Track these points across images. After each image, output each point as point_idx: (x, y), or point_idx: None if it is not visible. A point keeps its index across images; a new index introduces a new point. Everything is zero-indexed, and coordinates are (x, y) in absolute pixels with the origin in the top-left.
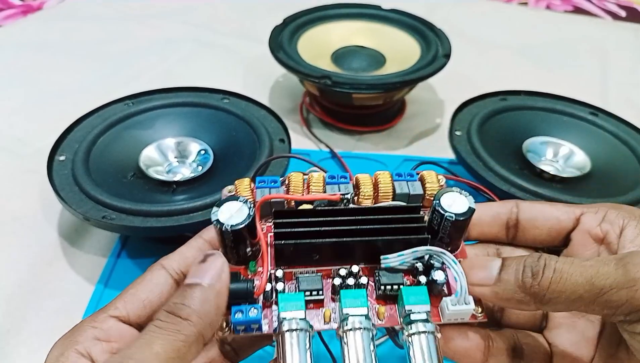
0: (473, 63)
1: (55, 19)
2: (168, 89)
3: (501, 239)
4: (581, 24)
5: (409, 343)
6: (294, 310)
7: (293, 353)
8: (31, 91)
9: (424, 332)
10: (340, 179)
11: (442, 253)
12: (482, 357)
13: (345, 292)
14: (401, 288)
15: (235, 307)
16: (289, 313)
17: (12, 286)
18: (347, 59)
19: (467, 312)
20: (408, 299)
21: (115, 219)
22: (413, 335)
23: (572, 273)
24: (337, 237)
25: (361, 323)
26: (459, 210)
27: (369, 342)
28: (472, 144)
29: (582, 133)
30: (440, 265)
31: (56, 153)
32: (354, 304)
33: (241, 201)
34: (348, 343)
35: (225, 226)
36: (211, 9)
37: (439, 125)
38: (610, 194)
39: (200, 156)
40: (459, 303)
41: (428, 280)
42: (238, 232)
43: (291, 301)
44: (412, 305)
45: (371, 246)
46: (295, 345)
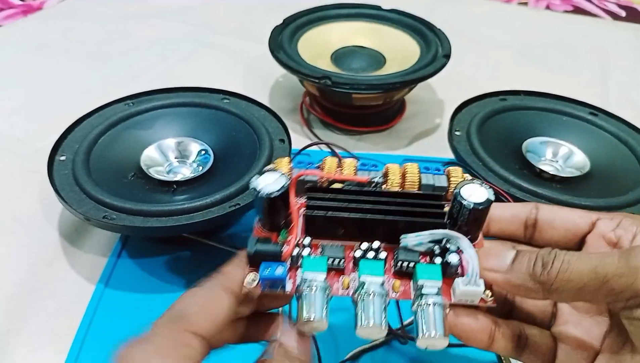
0: (473, 63)
1: (55, 19)
2: (168, 89)
3: (519, 237)
4: (581, 24)
5: (418, 313)
6: (316, 271)
7: (311, 307)
8: (31, 90)
9: (434, 303)
10: (370, 167)
11: (458, 237)
12: (487, 339)
13: (364, 261)
14: (416, 265)
15: (264, 264)
16: (312, 274)
17: (12, 286)
18: (347, 59)
19: (477, 294)
20: (422, 274)
21: (116, 219)
22: (423, 305)
23: (579, 263)
24: (362, 214)
25: (376, 289)
26: (478, 200)
27: (382, 307)
28: (472, 144)
29: (581, 133)
30: (456, 249)
31: (56, 153)
32: (371, 272)
33: (279, 173)
34: (366, 304)
35: (262, 194)
36: (211, 8)
37: (438, 125)
38: (610, 194)
39: (200, 156)
40: (469, 284)
41: (443, 261)
42: (273, 200)
43: (314, 264)
44: (424, 280)
45: (393, 226)
46: (314, 301)
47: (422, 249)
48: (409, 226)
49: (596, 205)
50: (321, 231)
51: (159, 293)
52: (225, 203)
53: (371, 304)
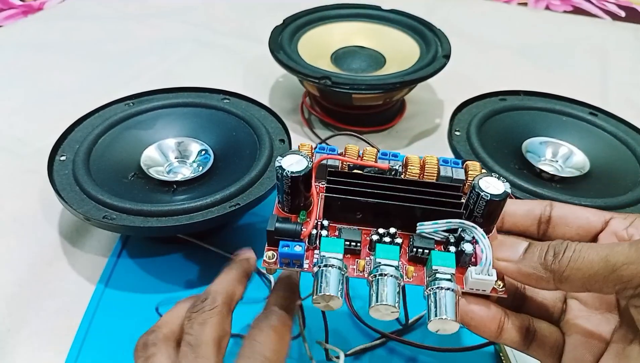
0: (473, 63)
1: (55, 19)
2: (168, 89)
3: (532, 233)
4: (581, 24)
5: (430, 297)
6: (334, 251)
7: (327, 285)
8: (31, 91)
9: (446, 288)
10: (391, 157)
11: (474, 227)
12: (496, 329)
13: (380, 245)
14: (431, 252)
15: (283, 241)
16: (329, 254)
17: (12, 286)
18: (347, 60)
19: (489, 283)
20: (436, 261)
21: (116, 220)
22: (435, 290)
23: (590, 252)
24: (380, 199)
25: (391, 271)
26: (495, 191)
27: (396, 288)
28: (472, 144)
29: (581, 133)
30: (471, 239)
31: (57, 153)
32: (387, 256)
33: (302, 155)
34: (379, 285)
35: (286, 172)
36: (211, 8)
37: (438, 125)
38: (610, 194)
39: (200, 156)
40: (482, 273)
41: (457, 250)
42: (295, 179)
43: (332, 245)
44: (438, 266)
45: (410, 213)
46: (331, 279)
47: (437, 237)
48: (425, 214)
49: (596, 205)
50: (339, 215)
51: (159, 293)
52: (225, 203)
53: (385, 285)
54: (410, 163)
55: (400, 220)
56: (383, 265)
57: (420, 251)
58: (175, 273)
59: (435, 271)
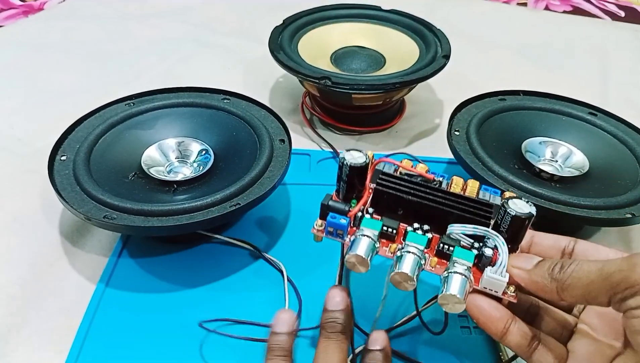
0: (472, 63)
1: (56, 19)
2: (169, 90)
3: None
4: (580, 25)
5: (445, 278)
6: (371, 228)
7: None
8: (32, 91)
9: (461, 273)
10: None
11: (496, 236)
12: (502, 329)
13: (412, 233)
14: (455, 247)
15: (331, 214)
16: (367, 229)
17: (13, 286)
18: (347, 60)
19: (501, 284)
20: (457, 254)
21: (117, 219)
22: (451, 272)
23: (589, 264)
24: (421, 199)
25: (416, 251)
26: (520, 210)
27: (417, 264)
28: (471, 144)
29: (581, 133)
30: (492, 247)
31: (57, 153)
32: (416, 241)
33: (363, 153)
34: (402, 258)
35: (347, 162)
36: (211, 9)
37: (438, 125)
38: (609, 194)
39: (201, 156)
40: (496, 273)
41: (479, 253)
42: (354, 169)
43: (372, 223)
44: (458, 258)
45: (444, 216)
46: (363, 245)
47: (464, 241)
48: (457, 220)
49: (595, 205)
50: (384, 208)
51: (160, 293)
52: (225, 203)
53: (409, 258)
54: (454, 182)
55: (436, 222)
56: (411, 246)
57: (446, 247)
58: (176, 273)
59: (455, 261)
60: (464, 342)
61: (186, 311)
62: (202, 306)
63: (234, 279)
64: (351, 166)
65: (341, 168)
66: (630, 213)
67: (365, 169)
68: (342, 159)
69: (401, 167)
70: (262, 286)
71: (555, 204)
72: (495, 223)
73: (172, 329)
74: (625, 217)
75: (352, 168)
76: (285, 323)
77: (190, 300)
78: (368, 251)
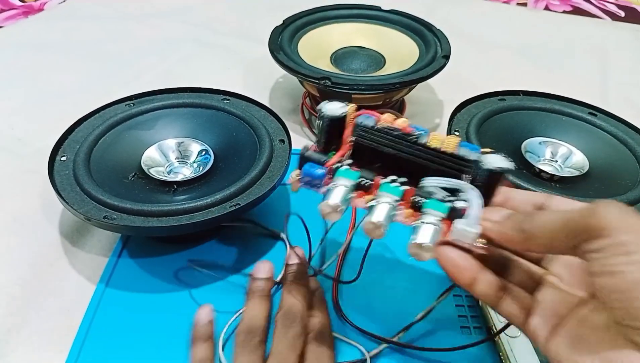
0: (472, 63)
1: (56, 19)
2: (169, 90)
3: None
4: (580, 24)
5: (415, 226)
6: (347, 178)
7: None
8: (32, 91)
9: (432, 223)
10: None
11: (471, 188)
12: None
13: (386, 184)
14: (428, 199)
15: (309, 163)
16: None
17: (13, 286)
18: (347, 60)
19: (471, 235)
20: (430, 205)
21: (116, 220)
22: (422, 221)
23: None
24: (399, 151)
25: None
26: (496, 165)
27: (389, 213)
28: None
29: (581, 133)
30: (466, 200)
31: (57, 153)
32: (389, 191)
33: (343, 104)
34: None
35: (325, 113)
36: (211, 9)
37: (438, 125)
38: (609, 194)
39: (200, 157)
40: (467, 225)
41: (451, 206)
42: (332, 121)
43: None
44: (429, 209)
45: (420, 168)
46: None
47: (437, 194)
48: (435, 173)
49: None
50: (362, 159)
51: (160, 293)
52: (225, 203)
53: (381, 207)
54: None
55: (413, 175)
56: (384, 196)
57: (419, 199)
58: (176, 272)
59: (426, 212)
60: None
61: (186, 311)
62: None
63: (234, 279)
64: (330, 118)
65: (320, 118)
66: None
67: (344, 121)
68: (320, 110)
69: (381, 120)
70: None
71: None
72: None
73: (172, 329)
74: None
75: (331, 119)
76: (263, 271)
77: (190, 300)
78: (343, 200)
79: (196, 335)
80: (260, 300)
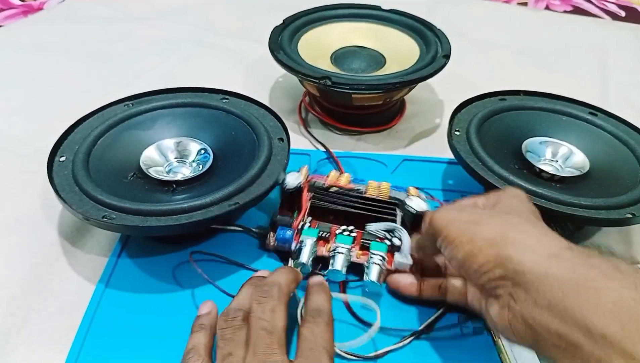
0: (473, 63)
1: (55, 19)
2: (168, 90)
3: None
4: (581, 24)
5: (367, 267)
6: (310, 236)
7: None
8: (31, 91)
9: (377, 263)
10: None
11: (402, 230)
12: (417, 289)
13: (340, 235)
14: (371, 242)
15: (280, 228)
16: (307, 238)
17: (13, 286)
18: (347, 60)
19: (406, 264)
20: (374, 247)
21: (116, 219)
22: (371, 263)
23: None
24: (345, 207)
25: (344, 251)
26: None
27: (345, 262)
28: (471, 144)
29: (581, 133)
30: (399, 237)
31: (56, 153)
32: (343, 242)
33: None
34: (335, 258)
35: (287, 185)
36: (211, 9)
37: (438, 125)
38: (609, 194)
39: (200, 156)
40: (401, 259)
41: (390, 244)
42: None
43: (310, 232)
44: (374, 250)
45: (364, 217)
46: (307, 251)
47: (379, 234)
48: (374, 220)
49: (596, 204)
50: (319, 216)
51: (159, 293)
52: (224, 202)
53: (339, 258)
54: (370, 186)
55: (359, 222)
56: (340, 247)
57: (366, 242)
58: (175, 272)
59: (372, 253)
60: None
61: (186, 311)
62: None
63: (234, 278)
64: (293, 187)
65: (283, 189)
66: (631, 213)
67: (302, 188)
68: (283, 183)
69: (328, 180)
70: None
71: (556, 204)
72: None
73: (172, 329)
74: (625, 217)
75: (293, 187)
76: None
77: (189, 300)
78: (310, 256)
79: (196, 323)
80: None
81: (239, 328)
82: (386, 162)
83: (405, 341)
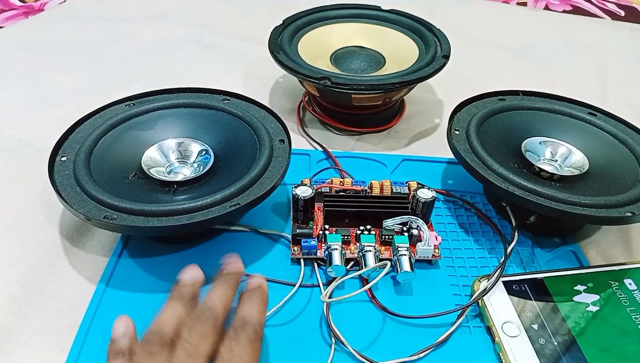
0: (472, 63)
1: (56, 20)
2: (169, 90)
3: None
4: (580, 24)
5: (396, 260)
6: (335, 241)
7: (336, 258)
8: (33, 91)
9: (404, 254)
10: (361, 183)
11: (417, 220)
12: None
13: (363, 236)
14: (394, 236)
15: (304, 239)
16: (333, 243)
17: (14, 286)
18: (347, 60)
19: (430, 252)
20: (398, 240)
21: (117, 220)
22: (399, 255)
23: None
24: (359, 209)
25: (371, 249)
26: (426, 197)
27: (375, 258)
28: (471, 144)
29: (580, 133)
30: (416, 227)
31: (57, 153)
32: (367, 241)
33: (308, 186)
34: (365, 257)
35: (300, 196)
36: (211, 10)
37: (438, 125)
38: (609, 193)
39: (201, 157)
40: (425, 246)
41: (409, 234)
42: (306, 200)
43: (334, 238)
44: (399, 243)
45: (378, 215)
46: (337, 255)
47: (396, 229)
48: (387, 215)
49: (595, 203)
50: (334, 221)
51: (160, 293)
52: (225, 203)
53: (369, 256)
54: (373, 186)
55: (373, 220)
56: (366, 246)
57: (387, 237)
58: (176, 273)
59: (398, 246)
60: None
61: None
62: None
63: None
64: (304, 199)
65: (296, 201)
66: (631, 212)
67: (313, 197)
68: (295, 196)
69: (332, 187)
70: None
71: (556, 202)
72: (411, 207)
73: None
74: (625, 216)
75: (305, 199)
76: (189, 275)
77: None
78: (342, 259)
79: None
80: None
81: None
82: (386, 162)
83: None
